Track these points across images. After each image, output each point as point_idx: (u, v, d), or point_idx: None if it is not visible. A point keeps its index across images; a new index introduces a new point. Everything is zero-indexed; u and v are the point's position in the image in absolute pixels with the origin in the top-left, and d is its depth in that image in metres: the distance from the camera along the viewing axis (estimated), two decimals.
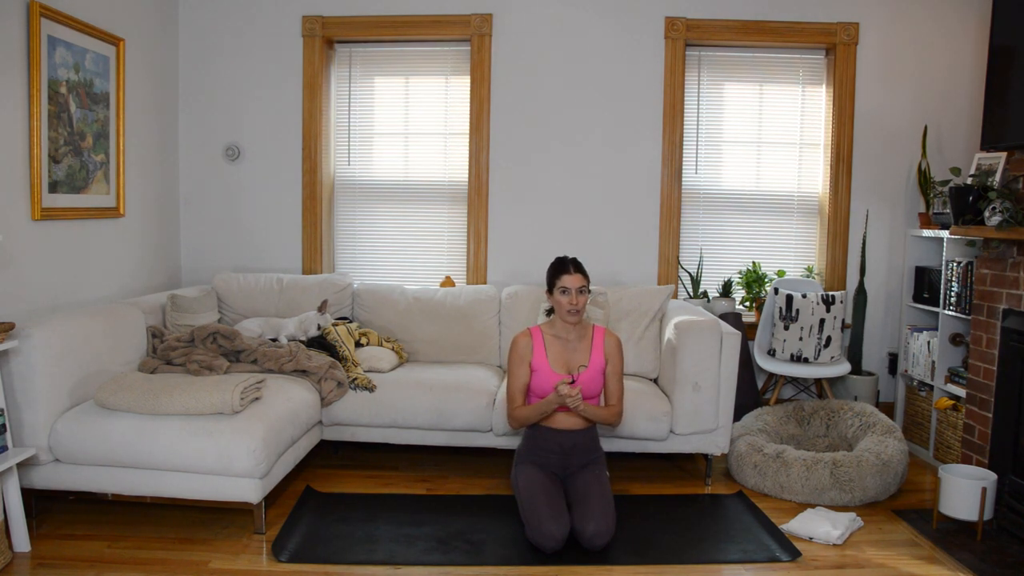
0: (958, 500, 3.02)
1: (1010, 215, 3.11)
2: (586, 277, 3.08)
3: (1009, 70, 3.31)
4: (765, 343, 4.27)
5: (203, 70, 4.50)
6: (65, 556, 2.74)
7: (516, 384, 3.08)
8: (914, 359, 4.11)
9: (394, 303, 4.17)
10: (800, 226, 4.56)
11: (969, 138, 4.32)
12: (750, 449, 3.54)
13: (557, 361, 3.08)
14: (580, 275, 3.06)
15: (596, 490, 2.91)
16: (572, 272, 3.05)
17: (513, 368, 3.09)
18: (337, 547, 2.85)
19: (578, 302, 3.03)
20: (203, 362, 3.34)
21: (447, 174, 4.57)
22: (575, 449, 3.06)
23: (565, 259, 3.11)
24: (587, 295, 3.08)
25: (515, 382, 3.09)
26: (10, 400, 2.83)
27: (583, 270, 3.09)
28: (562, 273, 3.05)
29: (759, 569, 2.76)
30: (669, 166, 4.42)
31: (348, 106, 4.59)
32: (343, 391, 3.52)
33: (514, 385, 3.09)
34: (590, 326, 3.17)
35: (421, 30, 4.41)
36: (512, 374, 3.10)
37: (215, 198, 4.55)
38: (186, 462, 2.85)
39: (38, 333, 2.83)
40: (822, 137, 4.50)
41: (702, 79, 4.49)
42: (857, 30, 4.34)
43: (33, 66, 3.20)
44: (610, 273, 4.44)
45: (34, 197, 3.25)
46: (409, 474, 3.65)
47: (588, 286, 3.08)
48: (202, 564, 2.71)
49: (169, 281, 4.43)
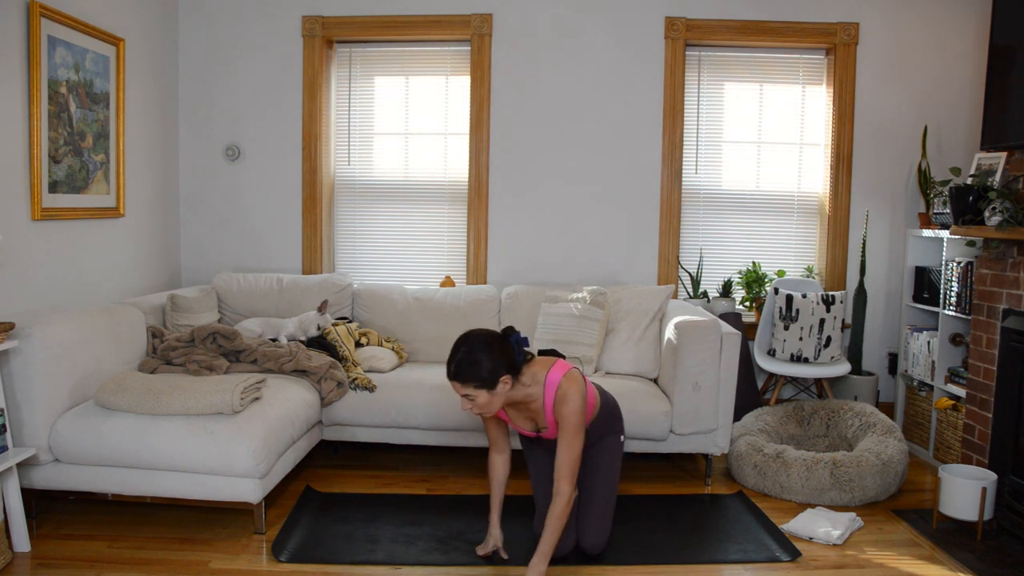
0: (958, 500, 3.02)
1: (1010, 215, 3.11)
2: (469, 382, 2.48)
3: (1009, 70, 3.31)
4: (765, 343, 4.27)
5: (203, 70, 4.50)
6: (65, 556, 2.74)
7: (486, 429, 2.86)
8: (914, 359, 4.11)
9: (394, 303, 4.17)
10: (800, 226, 4.56)
11: (969, 138, 4.32)
12: (750, 449, 3.54)
13: (519, 420, 2.77)
14: (458, 383, 2.51)
15: (600, 489, 2.82)
16: (450, 379, 2.53)
17: None
18: (337, 547, 2.85)
19: (473, 406, 2.53)
20: (203, 362, 3.35)
21: (447, 174, 4.57)
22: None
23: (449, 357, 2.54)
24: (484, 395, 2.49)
25: (485, 428, 2.86)
26: (10, 400, 2.83)
27: (462, 376, 2.49)
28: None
29: (759, 569, 2.76)
30: (669, 166, 4.42)
31: (348, 106, 4.59)
32: (343, 391, 3.52)
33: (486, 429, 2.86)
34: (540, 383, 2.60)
35: (421, 30, 4.41)
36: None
37: (215, 198, 4.55)
38: (186, 462, 2.85)
39: (38, 333, 2.83)
40: (822, 137, 4.50)
41: (702, 79, 4.49)
42: (857, 30, 4.34)
43: (33, 66, 3.20)
44: (610, 273, 4.45)
45: (34, 197, 3.25)
46: (409, 474, 3.65)
47: (474, 390, 2.49)
48: (202, 564, 2.71)
49: (169, 281, 4.43)
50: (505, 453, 2.86)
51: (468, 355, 2.49)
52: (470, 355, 2.49)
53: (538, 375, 2.61)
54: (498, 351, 2.51)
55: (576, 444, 2.56)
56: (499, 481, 2.85)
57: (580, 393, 2.58)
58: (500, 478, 2.85)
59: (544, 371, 2.62)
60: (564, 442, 2.56)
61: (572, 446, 2.56)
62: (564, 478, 2.55)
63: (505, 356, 2.53)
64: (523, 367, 2.60)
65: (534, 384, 2.60)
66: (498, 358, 2.50)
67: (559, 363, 2.66)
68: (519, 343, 2.59)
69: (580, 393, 2.58)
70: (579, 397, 2.57)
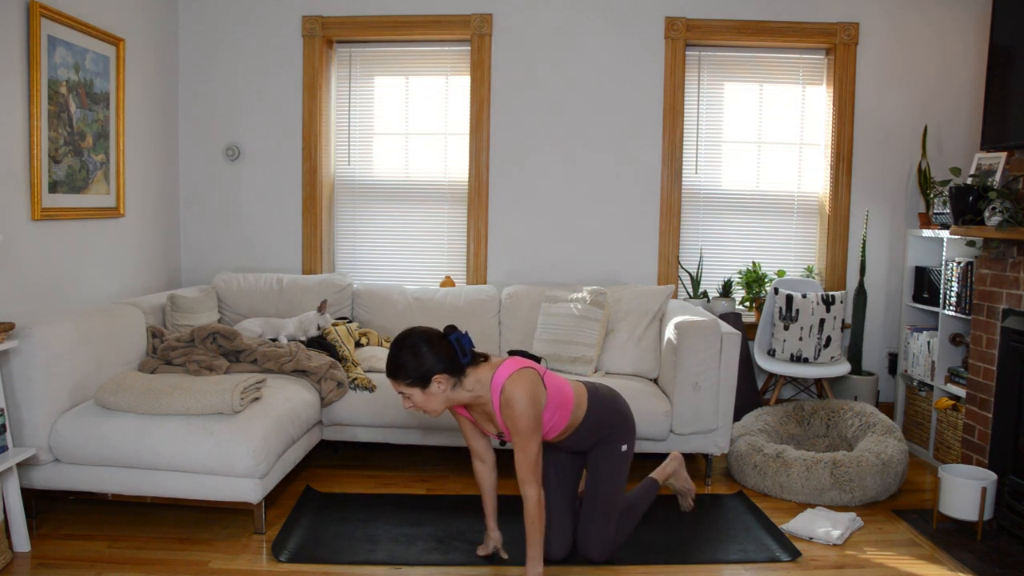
0: (958, 500, 3.02)
1: (1010, 215, 3.11)
2: (400, 379, 2.43)
3: (1009, 70, 3.31)
4: (765, 343, 4.27)
5: (203, 70, 4.50)
6: (65, 556, 2.74)
7: (464, 436, 2.80)
8: (914, 359, 4.11)
9: (394, 303, 4.17)
10: (800, 226, 4.56)
11: (969, 138, 4.32)
12: (750, 449, 3.54)
13: (482, 420, 2.68)
14: (393, 380, 2.46)
15: (599, 503, 2.71)
16: (388, 376, 2.49)
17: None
18: (337, 547, 2.85)
19: (413, 405, 2.48)
20: (203, 362, 3.35)
21: (447, 174, 4.57)
22: (579, 443, 2.75)
23: (388, 355, 2.49)
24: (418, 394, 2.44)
25: (463, 434, 2.82)
26: (10, 400, 2.83)
27: (395, 372, 2.44)
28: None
29: (759, 569, 2.76)
30: (669, 166, 4.42)
31: (348, 106, 4.59)
32: (343, 391, 3.52)
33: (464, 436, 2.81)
34: (485, 386, 2.50)
35: (421, 30, 4.41)
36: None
37: (215, 198, 4.55)
38: (186, 462, 2.85)
39: (38, 333, 2.83)
40: (822, 137, 4.50)
41: (702, 79, 4.49)
42: (857, 30, 4.34)
43: (33, 66, 3.20)
44: (610, 273, 4.45)
45: (34, 197, 3.25)
46: (409, 474, 3.65)
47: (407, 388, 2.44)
48: (202, 564, 2.71)
49: (169, 281, 4.43)
50: (487, 461, 2.78)
51: (402, 352, 2.43)
52: (404, 352, 2.42)
53: (483, 378, 2.49)
54: (436, 349, 2.42)
55: (530, 447, 2.46)
56: (487, 488, 2.79)
57: (528, 393, 2.45)
58: (487, 485, 2.79)
59: (490, 373, 2.50)
60: (517, 446, 2.47)
61: (526, 449, 2.46)
62: (525, 482, 2.48)
63: (444, 355, 2.43)
64: (468, 368, 2.49)
65: (479, 387, 2.49)
66: (434, 356, 2.41)
67: (508, 362, 2.53)
68: (460, 342, 2.47)
69: (528, 393, 2.45)
70: (526, 398, 2.43)
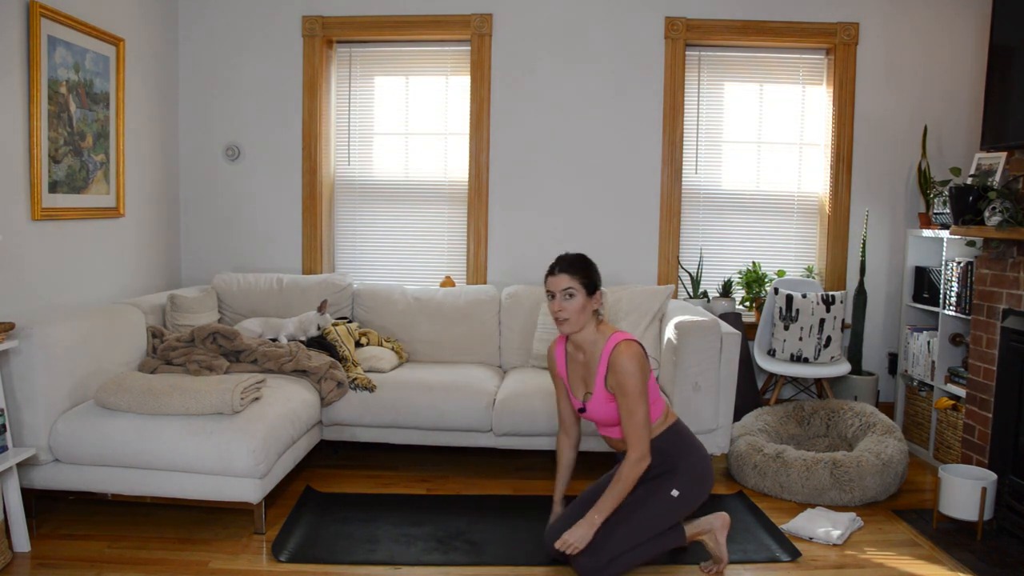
0: (958, 500, 3.02)
1: (1010, 215, 3.11)
2: (577, 276, 2.60)
3: (1009, 70, 3.31)
4: (765, 343, 4.27)
5: (203, 70, 4.50)
6: (65, 556, 2.74)
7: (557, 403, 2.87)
8: (914, 359, 4.11)
9: (394, 303, 4.17)
10: (800, 226, 4.56)
11: (969, 138, 4.32)
12: (750, 449, 3.54)
13: (575, 380, 2.74)
14: (566, 275, 2.59)
15: (622, 527, 2.58)
16: (556, 273, 2.62)
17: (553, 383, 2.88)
18: (337, 547, 2.85)
19: (563, 308, 2.59)
20: (203, 362, 3.35)
21: (447, 174, 4.57)
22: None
23: (558, 258, 2.69)
24: (580, 299, 2.59)
25: (556, 401, 2.88)
26: (10, 400, 2.83)
27: (573, 268, 2.61)
28: (547, 275, 2.66)
29: (759, 569, 2.76)
30: (669, 166, 4.42)
31: (348, 106, 4.59)
32: (343, 391, 3.52)
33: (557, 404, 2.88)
34: (605, 337, 2.63)
35: (421, 30, 4.41)
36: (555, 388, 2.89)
37: (215, 198, 4.55)
38: (186, 462, 2.85)
39: (38, 333, 2.83)
40: (822, 137, 4.50)
41: (702, 79, 4.49)
42: (857, 30, 4.34)
43: (33, 66, 3.20)
44: (610, 273, 4.41)
45: (34, 197, 3.25)
46: (409, 474, 3.65)
47: (579, 286, 2.59)
48: (202, 564, 2.71)
49: (169, 281, 4.44)
50: (571, 436, 2.87)
51: (582, 258, 2.67)
52: (584, 259, 2.68)
53: (605, 330, 2.66)
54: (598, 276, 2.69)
55: (637, 411, 2.52)
56: (563, 463, 2.88)
57: (638, 358, 2.55)
58: (564, 460, 2.88)
59: (612, 330, 2.66)
60: (624, 409, 2.55)
61: (633, 413, 2.53)
62: (632, 445, 2.54)
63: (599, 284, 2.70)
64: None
65: (600, 336, 2.65)
66: (600, 279, 2.68)
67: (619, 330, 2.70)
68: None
69: (638, 358, 2.55)
70: (635, 361, 2.53)
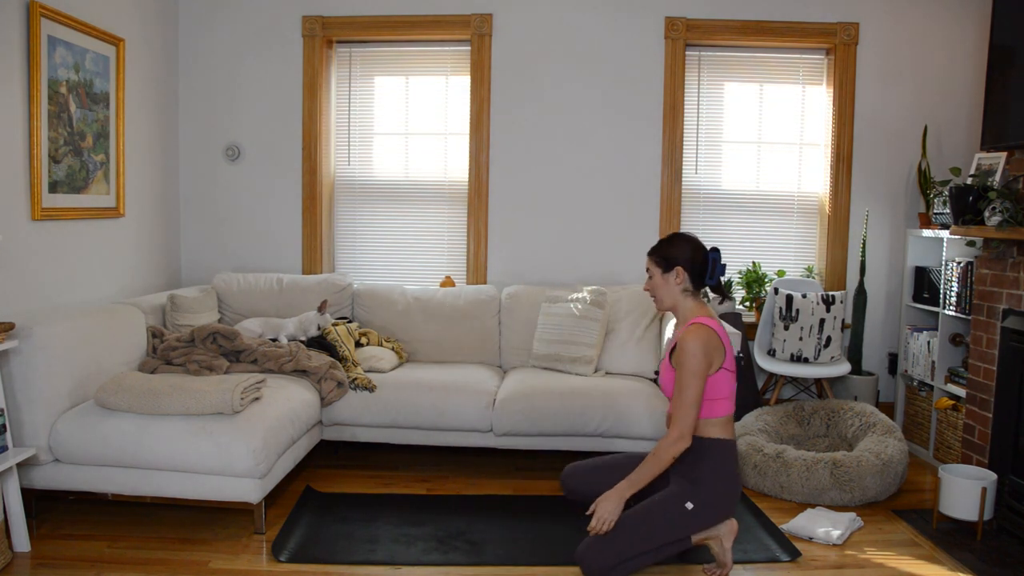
0: (958, 500, 3.02)
1: (1010, 215, 3.11)
2: (654, 255, 2.74)
3: (1009, 70, 3.31)
4: (765, 343, 4.27)
5: (203, 70, 4.50)
6: (65, 556, 2.74)
7: None
8: (914, 359, 4.11)
9: (394, 303, 4.17)
10: (800, 226, 4.56)
11: (969, 138, 4.32)
12: (750, 449, 3.54)
13: None
14: (648, 257, 2.76)
15: (634, 517, 2.57)
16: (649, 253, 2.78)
17: None
18: (337, 547, 2.85)
19: (647, 288, 2.78)
20: (203, 362, 3.35)
21: (447, 174, 4.57)
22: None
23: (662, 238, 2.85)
24: (656, 277, 2.72)
25: None
26: (10, 400, 2.83)
27: (653, 249, 2.76)
28: None
29: (759, 569, 2.76)
30: (669, 166, 4.42)
31: (348, 106, 4.59)
32: (343, 391, 3.52)
33: None
34: (693, 316, 2.69)
35: (421, 30, 4.41)
36: None
37: (215, 198, 4.55)
38: (186, 462, 2.85)
39: (38, 333, 2.83)
40: (822, 137, 4.50)
41: (702, 79, 4.49)
42: (857, 30, 4.34)
43: (33, 66, 3.20)
44: (610, 273, 4.44)
45: (34, 197, 3.25)
46: (409, 474, 3.65)
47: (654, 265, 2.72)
48: (202, 564, 2.71)
49: (169, 281, 4.43)
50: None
51: (671, 236, 2.77)
52: (671, 237, 2.76)
53: (696, 309, 2.69)
54: (694, 252, 2.69)
55: (687, 390, 2.54)
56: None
57: (705, 341, 2.56)
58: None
59: (699, 311, 2.68)
60: (678, 383, 2.58)
61: (683, 390, 2.56)
62: (674, 422, 2.57)
63: (696, 261, 2.68)
64: (704, 290, 2.76)
65: (689, 313, 2.69)
66: (688, 253, 2.68)
67: (712, 317, 2.67)
68: (715, 264, 2.69)
69: (705, 341, 2.56)
70: (700, 343, 2.55)
